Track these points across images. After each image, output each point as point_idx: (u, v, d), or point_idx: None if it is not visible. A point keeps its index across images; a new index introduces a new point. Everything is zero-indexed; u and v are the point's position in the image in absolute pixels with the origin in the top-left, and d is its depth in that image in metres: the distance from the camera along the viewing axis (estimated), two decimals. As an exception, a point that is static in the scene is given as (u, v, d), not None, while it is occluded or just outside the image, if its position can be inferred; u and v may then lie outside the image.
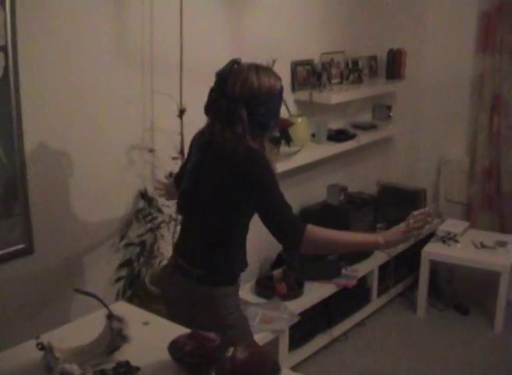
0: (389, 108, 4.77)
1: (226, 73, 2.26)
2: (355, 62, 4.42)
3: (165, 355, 1.92)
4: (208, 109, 2.30)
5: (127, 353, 1.96)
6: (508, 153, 5.07)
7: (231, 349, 1.87)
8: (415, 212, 2.30)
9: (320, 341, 3.94)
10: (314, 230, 2.24)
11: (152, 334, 2.16)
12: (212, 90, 2.30)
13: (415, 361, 3.93)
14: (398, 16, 4.88)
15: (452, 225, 4.66)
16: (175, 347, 1.91)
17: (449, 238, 4.48)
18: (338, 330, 4.07)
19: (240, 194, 2.26)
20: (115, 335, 1.93)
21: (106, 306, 1.95)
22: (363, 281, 4.26)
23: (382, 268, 4.42)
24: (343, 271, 4.02)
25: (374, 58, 4.69)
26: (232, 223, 2.35)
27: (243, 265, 2.46)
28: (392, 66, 4.73)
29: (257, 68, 2.29)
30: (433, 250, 4.41)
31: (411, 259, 4.59)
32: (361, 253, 4.21)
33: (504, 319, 4.23)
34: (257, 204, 2.26)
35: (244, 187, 2.23)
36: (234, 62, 2.28)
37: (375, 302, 4.43)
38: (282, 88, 2.36)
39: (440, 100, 5.30)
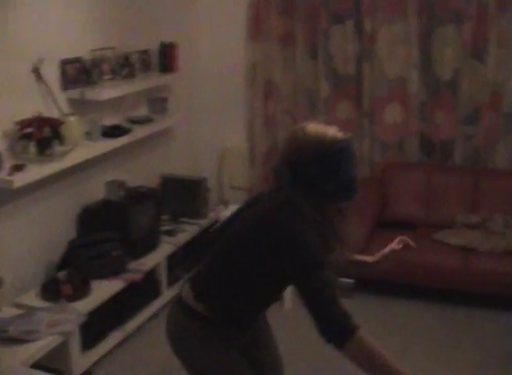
0: (165, 100, 5.05)
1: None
2: (126, 57, 4.61)
3: None
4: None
5: None
6: (283, 136, 5.58)
7: None
8: None
9: (114, 338, 4.14)
10: (364, 339, 2.09)
11: None
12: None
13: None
14: (168, 8, 5.17)
15: (233, 210, 5.04)
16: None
17: (231, 224, 4.89)
18: (131, 325, 4.31)
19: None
20: None
21: None
22: (151, 274, 4.51)
23: (170, 259, 4.71)
24: (129, 265, 4.24)
25: (146, 52, 4.92)
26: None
27: (239, 331, 2.45)
28: (164, 59, 5.01)
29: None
30: (217, 236, 4.80)
31: (199, 248, 4.94)
32: (147, 246, 4.48)
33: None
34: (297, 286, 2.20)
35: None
36: None
37: (166, 294, 4.69)
38: (345, 142, 2.27)
39: (217, 89, 5.71)
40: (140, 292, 4.38)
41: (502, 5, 4.95)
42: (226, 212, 4.99)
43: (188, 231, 4.93)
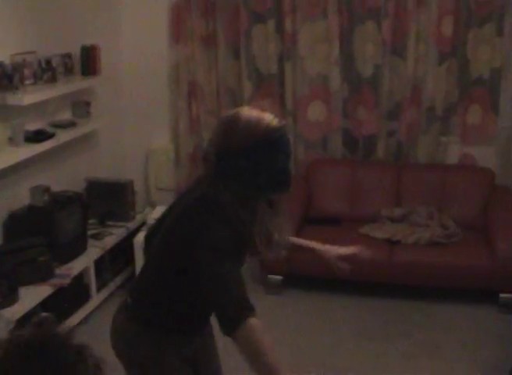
0: (88, 104, 5.07)
1: None
2: (48, 61, 4.61)
3: None
4: None
5: None
6: (208, 137, 5.67)
7: None
8: None
9: (44, 344, 4.17)
10: (256, 327, 1.95)
11: None
12: None
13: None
14: (89, 11, 5.19)
15: (161, 212, 5.09)
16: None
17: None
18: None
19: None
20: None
21: None
22: (80, 278, 4.55)
23: (98, 263, 4.74)
24: (57, 271, 4.25)
25: (68, 55, 4.91)
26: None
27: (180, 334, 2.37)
28: (86, 62, 5.01)
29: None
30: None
31: (126, 251, 5.00)
32: (74, 251, 4.50)
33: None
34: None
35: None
36: None
37: (96, 298, 4.73)
38: (280, 130, 2.14)
39: (141, 91, 5.75)
40: (69, 297, 4.39)
41: (420, 1, 5.14)
42: (154, 214, 5.06)
43: (115, 234, 4.95)
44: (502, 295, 4.70)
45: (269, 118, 2.14)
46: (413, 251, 4.83)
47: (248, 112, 2.16)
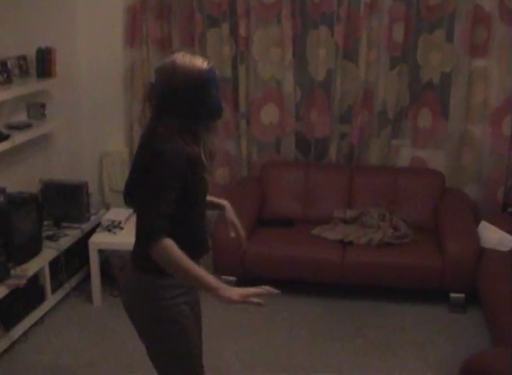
0: (43, 106, 5.17)
1: None
2: (3, 63, 4.69)
3: None
4: None
5: None
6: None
7: None
8: (268, 288, 2.56)
9: (-1, 345, 4.28)
10: (169, 246, 2.42)
11: None
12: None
13: (96, 349, 4.48)
14: (45, 13, 5.29)
15: (116, 213, 5.25)
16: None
17: (114, 226, 5.09)
18: (17, 331, 4.43)
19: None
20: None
21: None
22: (35, 279, 4.65)
23: (54, 264, 4.85)
24: (12, 271, 4.35)
25: (23, 57, 5.00)
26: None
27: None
28: (42, 64, 5.10)
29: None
30: (100, 239, 5.01)
31: (81, 252, 5.12)
32: (29, 251, 4.62)
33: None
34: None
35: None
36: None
37: (51, 299, 4.85)
38: (211, 71, 2.58)
39: (96, 94, 5.87)
40: (25, 298, 4.50)
41: (371, 7, 5.37)
42: (108, 216, 5.20)
43: (70, 235, 5.07)
44: (452, 295, 4.92)
45: (201, 61, 2.58)
46: (365, 252, 5.00)
47: (182, 58, 2.56)
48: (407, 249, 5.03)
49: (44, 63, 5.12)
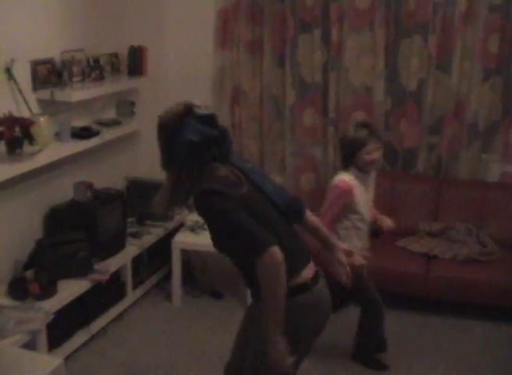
0: (133, 104, 5.22)
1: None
2: (96, 60, 4.78)
3: None
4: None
5: None
6: (250, 143, 5.81)
7: None
8: None
9: (79, 338, 4.30)
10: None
11: None
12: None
13: (174, 348, 4.46)
14: (138, 12, 5.36)
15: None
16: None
17: (198, 227, 5.06)
18: (96, 325, 4.47)
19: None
20: None
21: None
22: (117, 275, 4.69)
23: (136, 261, 4.88)
24: (96, 266, 4.38)
25: (115, 55, 5.09)
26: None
27: None
28: (133, 62, 5.18)
29: None
30: (183, 239, 4.99)
31: (164, 250, 5.12)
32: (113, 248, 4.64)
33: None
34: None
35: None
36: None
37: (131, 295, 4.88)
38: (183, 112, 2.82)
39: (184, 94, 5.74)
40: (106, 293, 4.53)
41: (466, 17, 5.21)
42: (191, 216, 5.18)
43: (154, 234, 5.09)
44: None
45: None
46: (450, 267, 4.86)
47: None
48: (493, 266, 4.88)
49: (135, 61, 5.19)
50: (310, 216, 2.95)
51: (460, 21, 5.22)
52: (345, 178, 3.87)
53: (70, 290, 4.15)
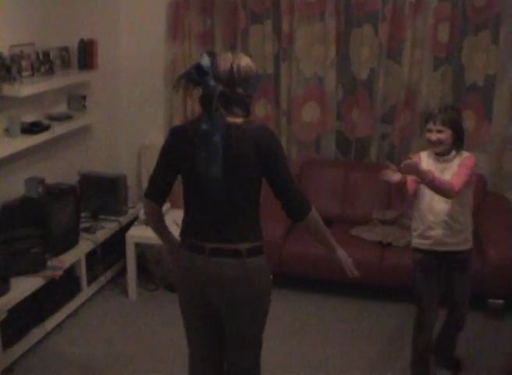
0: (84, 97, 5.16)
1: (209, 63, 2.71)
2: (46, 54, 4.70)
3: None
4: (206, 98, 2.71)
5: None
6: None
7: None
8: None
9: (34, 335, 4.25)
10: (316, 212, 2.85)
11: None
12: (200, 81, 2.72)
13: (131, 342, 4.45)
14: (88, 5, 5.28)
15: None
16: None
17: (149, 220, 5.03)
18: (51, 322, 4.42)
19: (263, 168, 2.75)
20: None
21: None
22: (71, 271, 4.65)
23: (90, 256, 4.83)
24: (49, 263, 4.33)
25: (65, 48, 4.99)
26: (257, 196, 2.85)
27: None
28: (84, 56, 5.10)
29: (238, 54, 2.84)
30: (137, 233, 4.97)
31: (118, 245, 5.09)
32: (66, 243, 4.60)
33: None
34: (278, 175, 2.76)
35: (267, 162, 2.73)
36: (211, 54, 2.76)
37: (86, 291, 4.84)
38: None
39: (136, 87, 5.85)
40: (60, 289, 4.49)
41: (416, 6, 5.26)
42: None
43: (107, 228, 5.05)
44: (491, 301, 4.81)
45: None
46: (404, 254, 4.87)
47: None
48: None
49: (85, 55, 5.13)
50: (311, 218, 2.91)
51: (410, 10, 5.26)
52: (420, 152, 3.90)
53: (23, 287, 4.10)
